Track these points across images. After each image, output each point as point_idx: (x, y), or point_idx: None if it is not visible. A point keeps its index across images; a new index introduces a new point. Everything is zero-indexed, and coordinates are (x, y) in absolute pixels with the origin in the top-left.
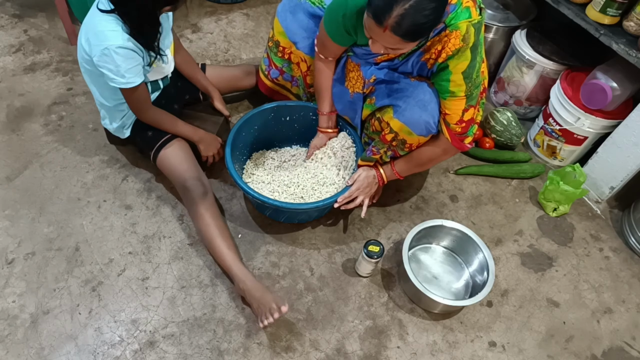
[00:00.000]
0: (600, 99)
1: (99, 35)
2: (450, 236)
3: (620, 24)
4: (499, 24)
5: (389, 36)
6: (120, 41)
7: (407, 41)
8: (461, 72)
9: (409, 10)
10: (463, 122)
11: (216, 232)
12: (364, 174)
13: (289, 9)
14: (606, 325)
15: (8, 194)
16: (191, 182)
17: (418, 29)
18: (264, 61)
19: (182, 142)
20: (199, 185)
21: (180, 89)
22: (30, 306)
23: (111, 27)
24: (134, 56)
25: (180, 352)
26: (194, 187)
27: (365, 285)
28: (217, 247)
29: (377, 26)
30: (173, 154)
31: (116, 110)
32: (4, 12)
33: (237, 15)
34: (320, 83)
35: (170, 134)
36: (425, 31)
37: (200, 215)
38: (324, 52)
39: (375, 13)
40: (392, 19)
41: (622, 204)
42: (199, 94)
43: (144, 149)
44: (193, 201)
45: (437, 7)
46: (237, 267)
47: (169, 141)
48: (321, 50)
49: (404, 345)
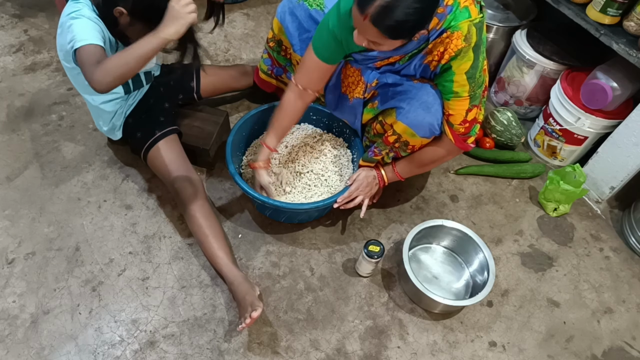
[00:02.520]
0: (601, 99)
1: (63, 17)
2: (450, 236)
3: (621, 24)
4: (499, 24)
5: (368, 26)
6: (82, 12)
7: (386, 36)
8: (464, 72)
9: (391, 3)
10: (467, 122)
11: (207, 232)
12: (364, 174)
13: (289, 10)
14: (606, 325)
15: (8, 194)
16: (179, 184)
17: (397, 25)
18: (265, 61)
19: (172, 141)
20: (188, 186)
21: (172, 87)
22: (31, 306)
23: (76, 7)
24: (94, 26)
25: (180, 352)
26: (183, 189)
27: (365, 285)
28: (209, 247)
29: (359, 13)
30: (161, 154)
31: (102, 111)
32: (4, 12)
33: (237, 15)
34: (283, 117)
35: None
36: (405, 31)
37: (191, 217)
38: (308, 82)
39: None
40: (373, 8)
41: (623, 204)
42: (194, 93)
43: (135, 149)
44: (183, 202)
45: (421, 9)
46: (227, 268)
47: (157, 141)
48: (303, 80)
49: (404, 345)
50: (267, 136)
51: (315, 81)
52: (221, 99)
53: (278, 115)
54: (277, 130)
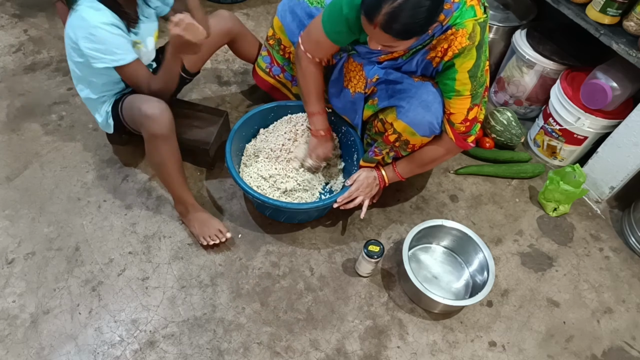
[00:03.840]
0: (600, 98)
1: (81, 19)
2: (450, 236)
3: (620, 24)
4: (499, 23)
5: (380, 33)
6: (103, 18)
7: (398, 39)
8: (467, 70)
9: (397, 8)
10: (467, 121)
11: (171, 159)
12: (364, 175)
13: (289, 8)
14: (606, 325)
15: (8, 194)
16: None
17: (408, 28)
18: (264, 59)
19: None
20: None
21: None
22: (30, 306)
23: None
24: (120, 32)
25: (180, 352)
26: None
27: (365, 285)
28: (170, 170)
29: (368, 23)
30: (127, 101)
31: (98, 102)
32: (4, 12)
33: (237, 15)
34: (308, 83)
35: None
36: (416, 30)
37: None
38: (315, 52)
39: (365, 10)
40: (381, 16)
41: (622, 204)
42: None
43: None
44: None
45: (429, 8)
46: (187, 193)
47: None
48: (311, 50)
49: (404, 345)
50: (309, 106)
51: (323, 53)
52: (221, 99)
53: (305, 84)
54: (312, 96)
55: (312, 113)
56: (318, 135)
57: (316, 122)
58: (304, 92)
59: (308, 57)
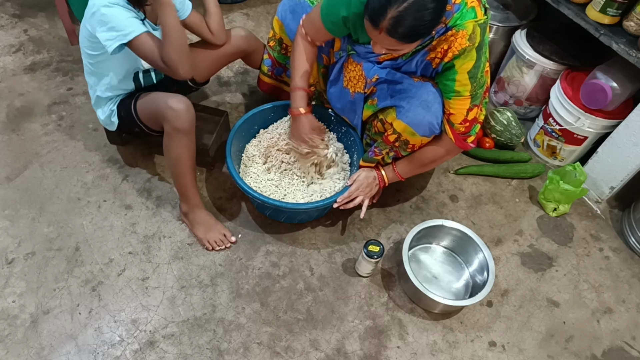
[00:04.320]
0: (600, 98)
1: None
2: (450, 236)
3: (620, 24)
4: (499, 23)
5: (385, 38)
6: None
7: (404, 42)
8: (467, 71)
9: (402, 12)
10: (467, 122)
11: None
12: (364, 174)
13: (289, 8)
14: (606, 325)
15: (8, 194)
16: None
17: (413, 31)
18: (265, 62)
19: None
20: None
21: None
22: (30, 306)
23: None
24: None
25: (180, 352)
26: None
27: (365, 285)
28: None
29: (373, 28)
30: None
31: (101, 99)
32: (4, 12)
33: (237, 15)
34: (297, 59)
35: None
36: (422, 33)
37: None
38: (313, 35)
39: (370, 16)
40: (387, 21)
41: (622, 204)
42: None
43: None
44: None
45: (434, 10)
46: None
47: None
48: (311, 33)
49: (404, 345)
50: (293, 81)
51: (320, 38)
52: (221, 99)
53: (294, 60)
54: (298, 72)
55: (294, 88)
56: (296, 114)
57: (296, 98)
58: (292, 67)
59: (305, 37)
